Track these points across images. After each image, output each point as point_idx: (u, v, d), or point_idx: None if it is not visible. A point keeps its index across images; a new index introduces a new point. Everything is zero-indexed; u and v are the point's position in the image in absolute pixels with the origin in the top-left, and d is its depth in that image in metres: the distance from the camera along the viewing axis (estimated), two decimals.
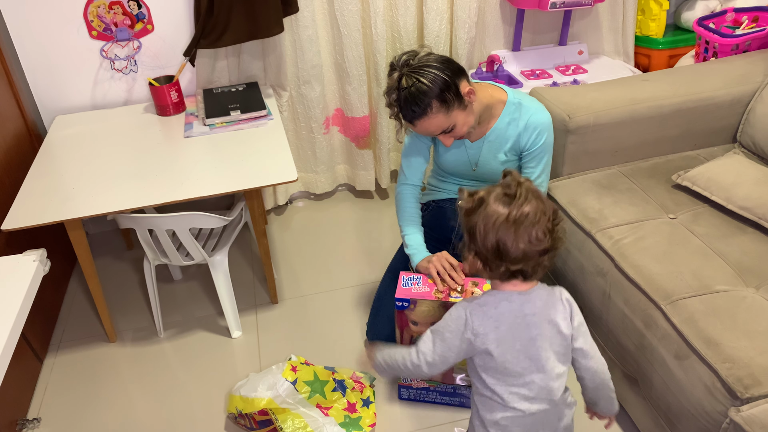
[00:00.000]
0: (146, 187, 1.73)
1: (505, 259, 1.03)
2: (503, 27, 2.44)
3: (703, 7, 2.45)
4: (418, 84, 1.45)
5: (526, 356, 1.09)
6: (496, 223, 1.02)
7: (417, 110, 1.46)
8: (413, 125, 1.51)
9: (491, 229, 1.02)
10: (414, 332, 1.59)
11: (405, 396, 1.74)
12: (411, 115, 1.48)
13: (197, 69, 2.22)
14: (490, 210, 1.03)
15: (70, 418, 1.77)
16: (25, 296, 1.11)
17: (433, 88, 1.44)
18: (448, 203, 1.81)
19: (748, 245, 1.55)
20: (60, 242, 2.21)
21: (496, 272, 1.07)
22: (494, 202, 1.04)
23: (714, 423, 1.25)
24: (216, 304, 2.14)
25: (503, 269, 1.05)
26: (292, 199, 2.71)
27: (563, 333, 1.11)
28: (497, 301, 1.09)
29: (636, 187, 1.81)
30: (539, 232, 1.02)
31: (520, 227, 1.01)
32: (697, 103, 1.90)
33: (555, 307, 1.11)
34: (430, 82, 1.44)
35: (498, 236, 1.02)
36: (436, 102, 1.45)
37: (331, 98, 2.44)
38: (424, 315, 1.54)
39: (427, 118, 1.48)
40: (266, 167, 1.79)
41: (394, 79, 1.49)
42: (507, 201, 1.03)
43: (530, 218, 1.01)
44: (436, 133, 1.53)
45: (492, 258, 1.04)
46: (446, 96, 1.46)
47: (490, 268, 1.07)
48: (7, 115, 1.96)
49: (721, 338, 1.29)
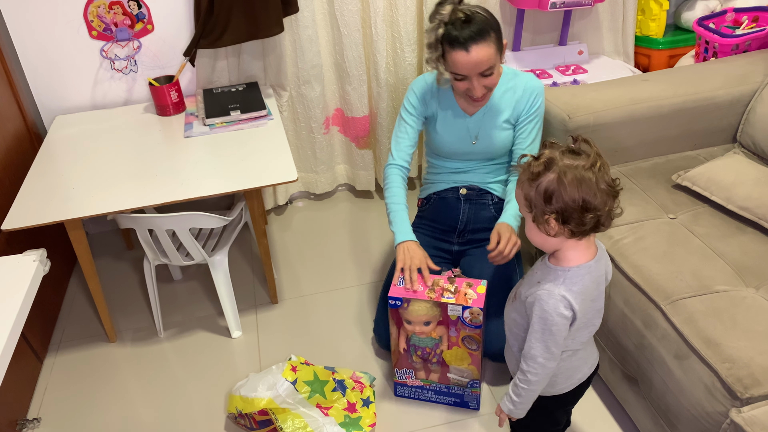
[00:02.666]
0: (146, 187, 1.73)
1: (589, 209, 1.04)
2: (503, 27, 2.43)
3: (703, 7, 2.45)
4: (478, 14, 1.49)
5: (595, 309, 1.19)
6: (577, 174, 1.02)
7: (478, 35, 1.47)
8: (467, 51, 1.48)
9: (573, 181, 1.02)
10: (408, 331, 1.59)
11: (401, 393, 1.74)
12: (469, 40, 1.47)
13: (197, 69, 2.22)
14: (565, 164, 1.03)
15: (70, 418, 1.77)
16: (25, 296, 1.11)
17: (491, 21, 1.50)
18: (449, 193, 1.81)
19: (748, 245, 1.55)
20: (60, 242, 2.21)
21: (579, 227, 1.06)
22: (564, 158, 1.04)
23: (714, 423, 1.25)
24: (216, 304, 2.14)
25: (588, 219, 1.04)
26: (292, 199, 2.71)
27: (608, 279, 1.23)
28: (579, 278, 1.12)
29: (636, 187, 1.81)
30: (610, 177, 1.05)
31: (598, 175, 1.03)
32: (697, 103, 1.90)
33: (606, 259, 1.21)
34: (489, 17, 1.50)
35: (581, 186, 1.03)
36: (494, 34, 1.50)
37: (331, 98, 2.44)
38: (416, 314, 1.54)
39: (486, 45, 1.48)
40: (266, 167, 1.79)
41: (447, 11, 1.49)
42: (574, 155, 1.05)
43: (604, 166, 1.04)
44: (484, 66, 1.51)
45: (578, 212, 1.04)
46: (499, 35, 1.52)
47: (574, 223, 1.05)
48: (7, 115, 1.96)
49: (721, 338, 1.29)
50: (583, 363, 1.25)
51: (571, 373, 1.24)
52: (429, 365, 1.65)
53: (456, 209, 1.79)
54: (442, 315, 1.53)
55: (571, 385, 1.26)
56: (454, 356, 1.61)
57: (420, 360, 1.65)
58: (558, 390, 1.26)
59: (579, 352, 1.23)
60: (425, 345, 1.61)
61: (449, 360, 1.62)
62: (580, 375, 1.26)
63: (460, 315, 1.50)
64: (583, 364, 1.25)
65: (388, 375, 1.83)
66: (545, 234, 1.09)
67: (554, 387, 1.25)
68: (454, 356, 1.61)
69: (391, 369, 1.84)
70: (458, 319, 1.51)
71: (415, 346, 1.62)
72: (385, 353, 1.90)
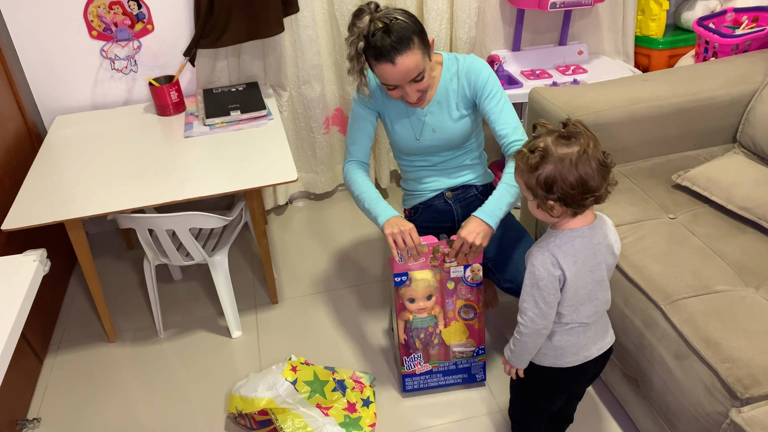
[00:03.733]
0: (146, 187, 1.73)
1: (588, 189, 1.11)
2: (503, 27, 2.44)
3: (703, 7, 2.45)
4: (397, 21, 1.44)
5: (593, 279, 1.22)
6: (573, 162, 1.09)
7: (400, 45, 1.43)
8: (393, 63, 1.45)
9: (570, 168, 1.09)
10: (411, 313, 1.61)
11: (410, 387, 1.74)
12: (393, 52, 1.43)
13: (197, 69, 2.22)
14: (560, 153, 1.10)
15: (70, 418, 1.77)
16: (25, 296, 1.11)
17: (411, 26, 1.45)
18: (436, 200, 1.79)
19: (748, 245, 1.55)
20: (60, 242, 2.21)
21: (580, 208, 1.14)
22: (558, 147, 1.11)
23: (714, 423, 1.25)
24: (216, 304, 2.14)
25: (588, 201, 1.13)
26: (292, 199, 2.71)
27: (615, 254, 1.25)
28: (572, 239, 1.18)
29: (636, 187, 1.81)
30: (601, 153, 1.12)
31: (591, 155, 1.10)
32: (697, 103, 1.90)
33: (611, 234, 1.24)
34: (408, 20, 1.45)
35: (579, 172, 1.09)
36: (417, 38, 1.45)
37: (331, 98, 2.44)
38: (421, 288, 1.59)
39: (410, 53, 1.44)
40: (266, 167, 1.79)
41: (365, 23, 1.45)
42: (566, 141, 1.11)
43: (595, 145, 1.11)
44: (412, 74, 1.48)
45: (579, 194, 1.11)
46: (423, 37, 1.47)
47: (575, 205, 1.13)
48: (7, 115, 1.96)
49: (721, 338, 1.29)
50: (592, 343, 1.29)
51: (578, 350, 1.28)
52: (431, 350, 1.68)
53: (448, 212, 1.79)
54: (440, 288, 1.60)
55: (577, 360, 1.29)
56: (454, 333, 1.67)
57: (422, 346, 1.67)
58: (563, 363, 1.29)
59: (590, 329, 1.27)
60: (427, 325, 1.64)
61: (449, 339, 1.67)
62: (587, 353, 1.29)
63: (462, 275, 1.59)
64: (591, 344, 1.28)
65: (388, 375, 1.83)
66: (549, 215, 1.17)
67: (560, 359, 1.29)
68: (453, 333, 1.67)
69: (392, 370, 1.84)
70: (457, 284, 1.60)
71: (417, 330, 1.64)
72: (384, 353, 1.91)
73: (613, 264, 1.27)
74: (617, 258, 1.27)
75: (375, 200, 1.61)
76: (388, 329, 1.98)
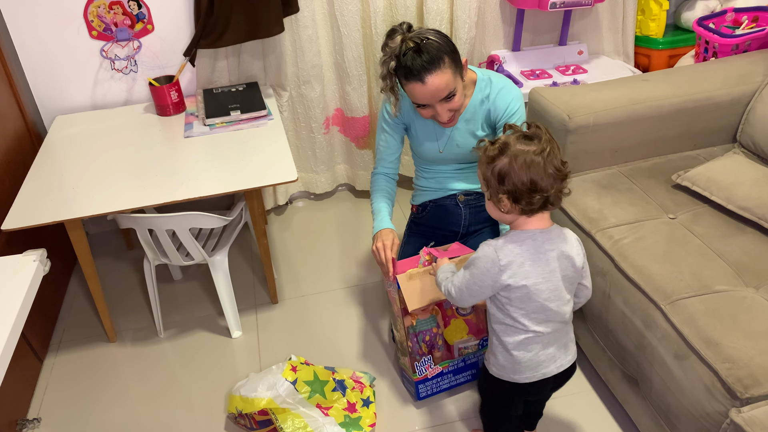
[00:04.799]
0: (146, 187, 1.73)
1: (537, 190, 1.17)
2: (503, 27, 2.44)
3: (703, 7, 2.45)
4: (429, 41, 1.44)
5: (547, 287, 1.24)
6: (527, 159, 1.16)
7: (431, 64, 1.43)
8: (423, 83, 1.45)
9: (523, 165, 1.16)
10: (413, 316, 1.60)
11: (423, 394, 1.73)
12: (423, 71, 1.43)
13: (197, 69, 2.22)
14: (517, 149, 1.17)
15: (70, 418, 1.77)
16: (25, 296, 1.11)
17: (444, 45, 1.45)
18: (447, 200, 1.80)
19: (748, 245, 1.55)
20: (60, 242, 2.21)
21: (528, 206, 1.19)
22: (517, 143, 1.18)
23: (714, 423, 1.25)
24: (216, 304, 2.14)
25: (536, 200, 1.18)
26: (292, 199, 2.71)
27: (576, 266, 1.27)
28: (522, 239, 1.23)
29: (636, 187, 1.81)
30: (558, 159, 1.18)
31: (547, 159, 1.16)
32: (697, 103, 1.90)
33: (570, 244, 1.27)
34: (440, 40, 1.45)
35: (530, 170, 1.16)
36: (448, 58, 1.45)
37: (331, 98, 2.44)
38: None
39: (441, 72, 1.44)
40: (266, 167, 1.79)
41: (396, 43, 1.45)
42: (526, 140, 1.18)
43: (553, 150, 1.17)
44: (443, 94, 1.48)
45: (526, 192, 1.17)
46: (454, 57, 1.48)
47: (524, 202, 1.19)
48: (7, 115, 1.96)
49: (721, 338, 1.29)
50: (552, 360, 1.31)
51: (536, 365, 1.31)
52: (436, 351, 1.68)
53: (456, 215, 1.79)
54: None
55: (534, 377, 1.32)
56: (454, 331, 1.68)
57: (428, 349, 1.67)
58: (520, 378, 1.32)
59: (550, 346, 1.30)
60: (429, 327, 1.64)
61: (451, 338, 1.69)
62: (546, 371, 1.31)
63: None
64: (551, 362, 1.31)
65: (388, 375, 1.83)
66: (500, 211, 1.23)
67: (517, 374, 1.32)
68: (453, 332, 1.68)
69: (391, 370, 1.84)
70: None
71: (422, 333, 1.64)
72: (384, 353, 1.91)
73: (573, 278, 1.28)
74: (580, 273, 1.29)
75: (376, 211, 1.70)
76: (389, 337, 1.98)
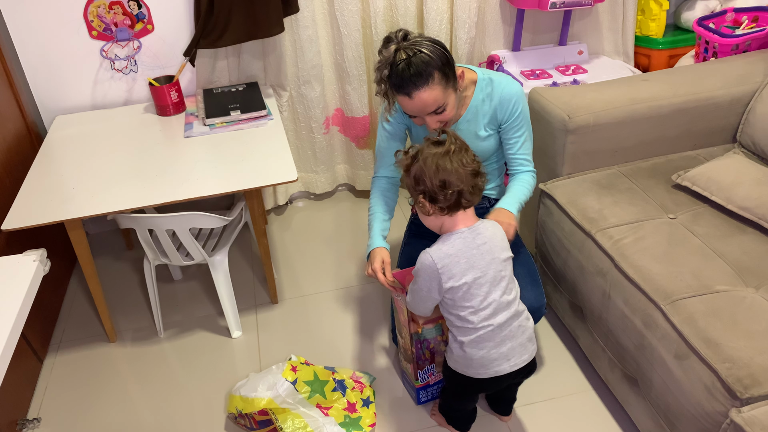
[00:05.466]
0: (146, 187, 1.73)
1: (448, 186, 1.26)
2: (503, 27, 2.44)
3: (703, 7, 2.45)
4: (420, 54, 1.42)
5: (485, 280, 1.32)
6: (434, 159, 1.27)
7: (418, 80, 1.42)
8: (410, 97, 1.44)
9: (431, 165, 1.27)
10: (420, 326, 1.60)
11: (424, 398, 1.73)
12: (410, 86, 1.42)
13: (197, 69, 2.22)
14: (426, 153, 1.29)
15: (70, 418, 1.77)
16: (25, 296, 1.11)
17: (435, 60, 1.43)
18: None
19: (748, 245, 1.55)
20: (60, 242, 2.21)
21: (444, 203, 1.28)
22: (427, 148, 1.30)
23: (714, 423, 1.26)
24: (216, 304, 2.14)
25: (449, 195, 1.27)
26: (292, 199, 2.71)
27: (508, 254, 1.37)
28: (452, 240, 1.32)
29: (636, 187, 1.81)
30: (467, 157, 1.29)
31: (453, 156, 1.27)
32: (697, 103, 1.90)
33: (498, 233, 1.37)
34: (432, 54, 1.43)
35: (438, 168, 1.26)
36: (438, 73, 1.43)
37: (331, 98, 2.44)
38: None
39: (428, 89, 1.43)
40: (266, 167, 1.79)
41: (390, 52, 1.44)
42: (435, 145, 1.31)
43: (459, 148, 1.29)
44: (430, 109, 1.47)
45: (438, 190, 1.27)
46: (446, 71, 1.45)
47: (439, 200, 1.28)
48: (7, 115, 1.96)
49: (721, 338, 1.29)
50: (505, 359, 1.37)
51: (487, 363, 1.37)
52: (437, 357, 1.68)
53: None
54: None
55: (487, 374, 1.38)
56: None
57: (431, 355, 1.67)
58: (473, 373, 1.40)
59: (503, 345, 1.36)
60: (434, 335, 1.63)
61: None
62: (498, 369, 1.37)
63: None
64: (504, 360, 1.37)
65: (388, 375, 1.84)
66: (425, 215, 1.32)
67: (469, 369, 1.40)
68: None
69: (392, 370, 1.85)
70: None
71: (426, 341, 1.63)
72: (384, 353, 1.91)
73: (507, 264, 1.36)
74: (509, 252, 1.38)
75: (369, 226, 1.69)
76: (389, 338, 1.98)
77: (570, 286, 1.76)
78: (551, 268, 1.87)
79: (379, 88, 1.50)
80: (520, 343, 1.38)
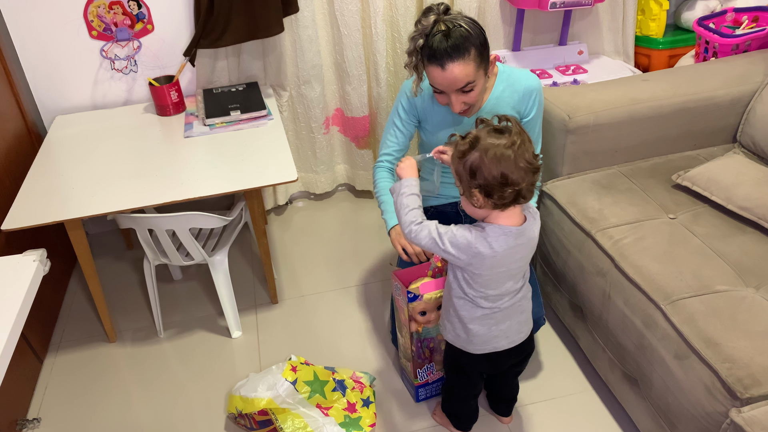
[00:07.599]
0: (146, 187, 1.73)
1: (508, 183, 1.16)
2: (503, 27, 2.44)
3: (703, 7, 2.45)
4: (460, 28, 1.40)
5: (508, 274, 1.30)
6: (497, 153, 1.16)
7: (455, 52, 1.40)
8: (443, 68, 1.42)
9: (493, 159, 1.16)
10: (420, 324, 1.59)
11: (423, 396, 1.74)
12: (445, 57, 1.40)
13: (197, 69, 2.22)
14: (488, 143, 1.17)
15: (70, 418, 1.77)
16: (25, 296, 1.11)
17: (474, 37, 1.42)
18: (448, 207, 1.80)
19: (748, 245, 1.55)
20: (60, 242, 2.21)
21: (500, 200, 1.19)
22: (488, 137, 1.18)
23: (714, 423, 1.26)
24: (216, 304, 2.14)
25: (508, 193, 1.17)
26: (292, 199, 2.71)
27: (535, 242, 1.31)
28: (497, 235, 1.23)
29: (636, 187, 1.81)
30: (529, 152, 1.18)
31: (517, 153, 1.16)
32: (697, 103, 1.90)
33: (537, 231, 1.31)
34: (472, 31, 1.42)
35: (501, 164, 1.15)
36: (475, 51, 1.42)
37: (331, 98, 2.44)
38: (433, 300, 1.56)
39: (463, 63, 1.41)
40: (266, 167, 1.79)
41: (429, 21, 1.42)
42: (497, 134, 1.18)
43: (524, 144, 1.17)
44: (460, 84, 1.45)
45: (497, 185, 1.17)
46: (482, 51, 1.45)
47: (496, 196, 1.18)
48: (7, 115, 1.96)
49: (721, 338, 1.29)
50: (503, 336, 1.38)
51: (487, 340, 1.37)
52: (437, 356, 1.68)
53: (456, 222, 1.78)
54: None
55: (485, 349, 1.39)
56: None
57: (430, 354, 1.67)
58: (473, 349, 1.40)
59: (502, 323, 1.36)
60: (434, 334, 1.63)
61: None
62: (496, 344, 1.38)
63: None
64: (502, 337, 1.38)
65: (388, 375, 1.83)
66: (473, 206, 1.23)
67: (470, 345, 1.39)
68: None
69: (391, 370, 1.84)
70: None
71: (426, 340, 1.64)
72: (384, 353, 1.91)
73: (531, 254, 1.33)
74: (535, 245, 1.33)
75: (387, 205, 1.68)
76: (389, 336, 1.98)
77: (570, 286, 1.76)
78: (551, 268, 1.87)
79: (410, 60, 1.49)
80: (518, 321, 1.39)
